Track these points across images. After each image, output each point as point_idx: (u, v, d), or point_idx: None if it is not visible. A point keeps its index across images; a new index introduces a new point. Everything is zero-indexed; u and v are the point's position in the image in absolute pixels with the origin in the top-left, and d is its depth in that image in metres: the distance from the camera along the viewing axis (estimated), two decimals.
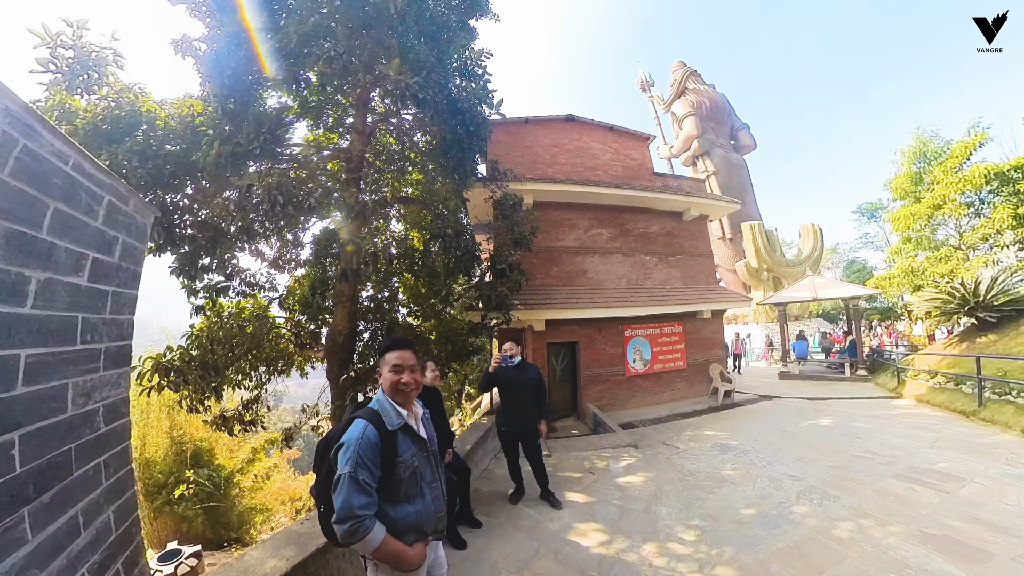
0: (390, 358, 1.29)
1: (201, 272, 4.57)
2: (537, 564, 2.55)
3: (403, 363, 1.27)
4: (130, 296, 1.16)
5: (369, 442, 1.08)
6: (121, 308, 1.12)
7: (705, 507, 3.34)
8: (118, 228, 1.12)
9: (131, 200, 1.19)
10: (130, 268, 1.16)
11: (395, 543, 1.08)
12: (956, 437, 4.93)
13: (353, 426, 1.13)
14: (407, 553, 1.10)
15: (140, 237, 1.22)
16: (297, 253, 6.92)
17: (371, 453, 1.08)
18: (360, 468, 1.05)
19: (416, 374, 1.29)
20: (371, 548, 1.03)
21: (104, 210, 1.06)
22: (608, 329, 7.61)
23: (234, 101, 4.18)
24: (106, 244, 1.07)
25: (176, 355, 3.88)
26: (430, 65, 4.20)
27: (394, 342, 1.29)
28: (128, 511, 1.09)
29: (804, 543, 2.72)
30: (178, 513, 5.00)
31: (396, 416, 1.21)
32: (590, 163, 8.44)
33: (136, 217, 1.20)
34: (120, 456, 1.08)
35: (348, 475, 1.04)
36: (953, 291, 7.60)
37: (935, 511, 3.05)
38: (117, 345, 1.09)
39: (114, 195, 1.11)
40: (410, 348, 1.31)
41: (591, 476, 4.15)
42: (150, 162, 3.84)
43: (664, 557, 2.60)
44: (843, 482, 3.74)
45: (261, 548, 1.80)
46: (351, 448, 1.06)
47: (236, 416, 4.80)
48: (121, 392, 1.11)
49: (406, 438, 1.21)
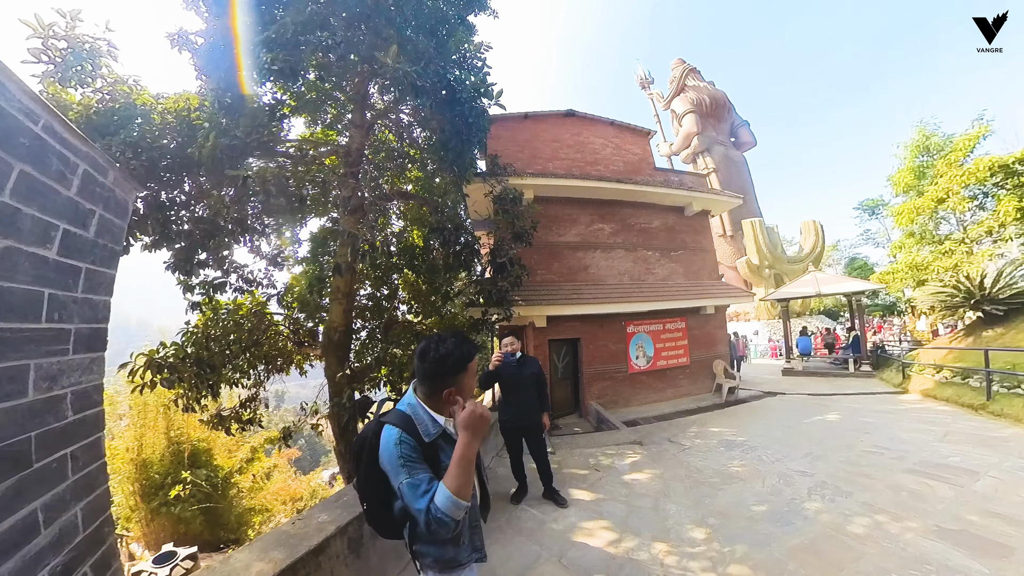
0: (473, 365, 1.15)
1: (197, 268, 4.48)
2: (539, 569, 2.43)
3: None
4: (107, 276, 1.06)
5: (408, 445, 1.01)
6: (96, 287, 1.02)
7: (715, 504, 3.26)
8: (95, 201, 1.03)
9: (111, 173, 1.10)
10: (108, 246, 1.07)
11: (454, 465, 0.96)
12: (966, 431, 4.86)
13: (385, 437, 1.04)
14: (471, 445, 0.97)
15: (120, 213, 1.13)
16: (295, 250, 6.84)
17: (415, 453, 1.02)
18: (416, 469, 0.99)
19: None
20: (455, 503, 0.93)
21: (79, 180, 0.97)
22: (610, 325, 7.52)
23: (231, 95, 4.11)
24: (80, 217, 0.97)
25: (170, 351, 3.78)
26: (429, 55, 4.13)
27: (473, 348, 1.14)
28: (99, 510, 0.98)
29: (819, 540, 2.64)
30: (175, 514, 4.90)
31: (433, 425, 1.09)
32: (591, 158, 8.36)
33: (116, 191, 1.11)
34: (91, 449, 0.97)
35: (404, 484, 0.98)
36: (959, 285, 7.52)
37: (951, 505, 2.98)
38: (90, 327, 0.99)
39: (91, 165, 1.02)
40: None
41: (596, 473, 4.06)
42: (144, 155, 3.76)
43: (675, 556, 2.51)
44: (854, 477, 3.67)
45: (248, 550, 1.69)
46: (395, 460, 1.00)
47: (233, 415, 4.70)
48: (94, 379, 1.01)
49: (448, 445, 1.09)
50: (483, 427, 0.99)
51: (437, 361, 1.08)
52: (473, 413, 0.99)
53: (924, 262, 9.82)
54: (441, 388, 1.08)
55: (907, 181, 10.55)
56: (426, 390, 1.12)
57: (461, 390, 1.10)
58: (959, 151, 9.41)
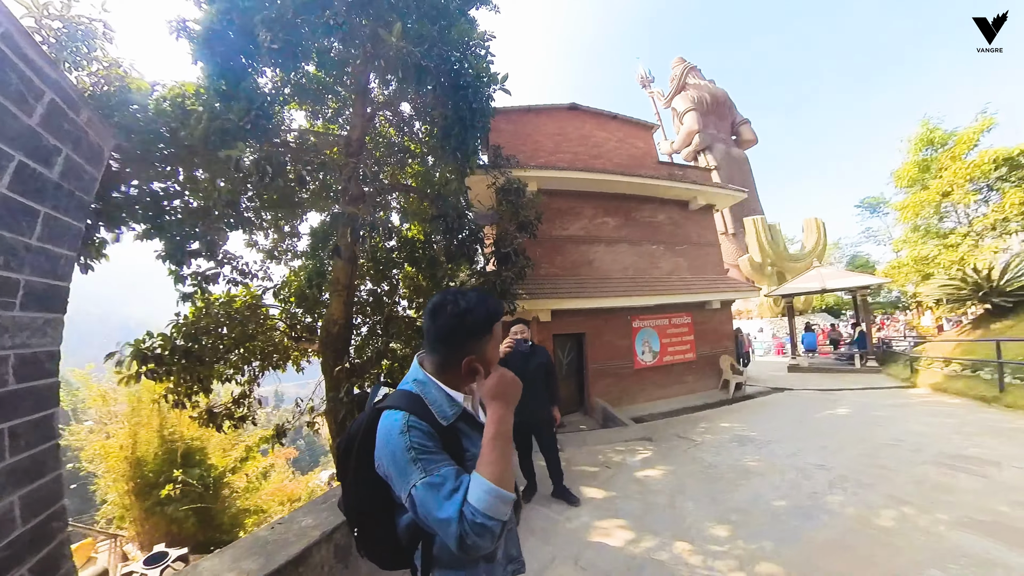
0: (499, 329, 0.89)
1: (189, 257, 4.32)
2: (555, 573, 2.28)
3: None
4: (71, 228, 0.90)
5: (418, 433, 0.74)
6: (56, 238, 0.85)
7: (733, 500, 3.13)
8: (62, 138, 0.88)
9: (83, 111, 0.94)
10: (75, 193, 0.91)
11: (488, 447, 0.72)
12: (981, 423, 4.77)
13: (385, 425, 0.76)
14: (506, 418, 0.76)
15: (92, 160, 0.97)
16: (294, 244, 6.70)
17: (429, 440, 0.74)
18: (433, 462, 0.72)
19: None
20: (499, 496, 0.68)
21: (44, 109, 0.83)
22: (615, 320, 7.40)
23: (227, 82, 3.97)
24: (42, 152, 0.82)
25: (157, 340, 3.61)
26: (432, 39, 4.01)
27: (499, 306, 0.89)
28: (46, 501, 0.81)
29: (848, 534, 2.51)
30: (168, 514, 4.72)
31: (450, 404, 0.83)
32: (594, 151, 8.25)
33: (89, 133, 0.96)
34: (38, 427, 0.81)
35: (419, 487, 0.69)
36: (966, 278, 7.45)
37: (979, 497, 2.89)
38: (45, 283, 0.83)
39: (60, 95, 0.87)
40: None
41: (607, 471, 3.92)
42: (138, 138, 3.61)
43: (699, 555, 2.37)
44: (874, 470, 3.56)
45: (218, 557, 1.51)
46: (398, 452, 0.72)
47: (226, 411, 4.53)
48: (47, 344, 0.84)
49: (469, 428, 0.85)
50: (516, 394, 0.80)
51: (456, 318, 0.81)
52: (503, 378, 0.79)
53: (930, 256, 9.77)
54: (459, 357, 0.82)
55: (912, 175, 10.51)
56: (439, 360, 0.85)
57: (484, 360, 0.83)
58: (963, 144, 9.37)
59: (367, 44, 3.79)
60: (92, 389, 5.59)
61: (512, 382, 0.81)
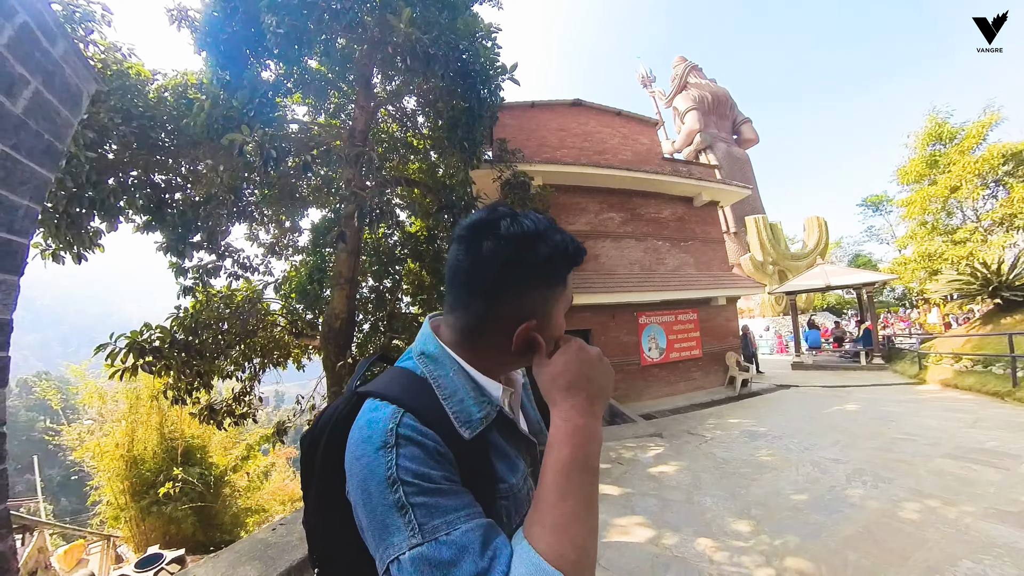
0: (571, 283, 0.53)
1: (190, 249, 4.23)
2: None
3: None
4: (35, 175, 0.76)
5: (416, 450, 0.41)
6: (16, 184, 0.70)
7: (751, 495, 3.04)
8: (32, 69, 0.75)
9: (61, 42, 0.82)
10: (43, 135, 0.78)
11: (555, 485, 0.40)
12: (996, 417, 4.70)
13: (362, 426, 0.44)
14: (591, 429, 0.43)
15: (67, 100, 0.84)
16: (295, 239, 6.62)
17: (430, 464, 0.41)
18: (421, 516, 0.38)
19: None
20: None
21: (13, 31, 0.71)
22: (622, 316, 7.32)
23: (230, 72, 3.90)
24: (5, 78, 0.70)
25: (155, 332, 3.51)
26: (441, 26, 3.94)
27: (582, 247, 0.52)
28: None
29: (874, 528, 2.43)
30: (166, 514, 4.61)
31: (477, 400, 0.49)
32: (598, 147, 8.20)
33: (65, 69, 0.84)
34: None
35: (411, 558, 0.36)
36: (976, 272, 7.40)
37: (1002, 488, 2.83)
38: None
39: (35, 19, 0.75)
40: None
41: (620, 467, 3.84)
42: (135, 122, 3.53)
43: (724, 551, 2.28)
44: (891, 463, 3.49)
45: (212, 564, 1.38)
46: (376, 484, 0.39)
47: (226, 408, 4.43)
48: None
49: (506, 443, 0.52)
50: (608, 386, 0.48)
51: (516, 246, 0.46)
52: (584, 355, 0.47)
53: (937, 252, 9.72)
54: (509, 319, 0.47)
55: (918, 170, 10.46)
56: (472, 321, 0.49)
57: (550, 327, 0.50)
58: (971, 138, 9.34)
59: (374, 30, 3.72)
60: (88, 386, 5.48)
61: (599, 363, 0.48)
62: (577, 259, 0.51)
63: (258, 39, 3.90)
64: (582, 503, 0.39)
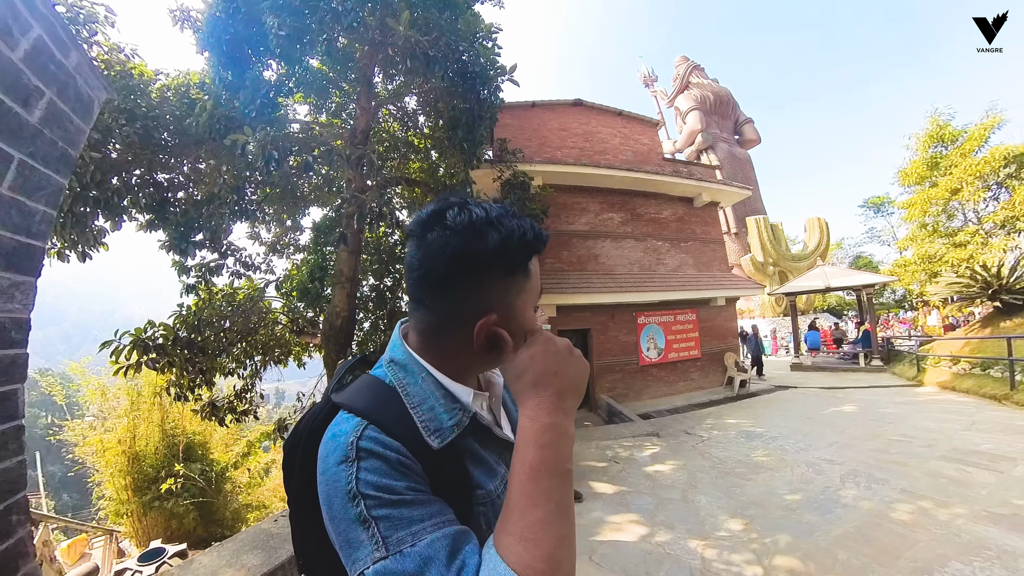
0: (536, 272, 0.50)
1: (193, 248, 4.27)
2: None
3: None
4: (51, 181, 0.81)
5: (377, 463, 0.39)
6: (33, 190, 0.75)
7: (746, 494, 3.08)
8: (47, 80, 0.79)
9: (74, 54, 0.86)
10: (57, 143, 0.82)
11: (522, 488, 0.38)
12: (993, 420, 4.72)
13: (329, 442, 0.43)
14: (560, 428, 0.40)
15: (80, 109, 0.89)
16: (296, 238, 6.67)
17: (393, 474, 0.40)
18: (384, 529, 0.37)
19: None
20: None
21: (29, 44, 0.75)
22: (621, 316, 7.35)
23: (232, 72, 3.93)
24: (22, 90, 0.74)
25: (159, 330, 3.56)
26: (440, 28, 3.96)
27: (542, 232, 0.49)
28: (4, 490, 0.70)
29: (866, 528, 2.46)
30: (168, 509, 4.68)
31: (448, 408, 0.48)
32: (599, 147, 8.21)
33: (77, 79, 0.88)
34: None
35: (380, 573, 0.35)
36: (976, 275, 7.40)
37: (995, 490, 2.86)
38: (16, 240, 0.73)
39: (48, 33, 0.79)
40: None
41: (616, 465, 3.88)
42: (139, 122, 3.57)
43: (715, 549, 2.32)
44: (886, 465, 3.51)
45: (217, 552, 1.42)
46: (339, 499, 0.39)
47: (228, 405, 4.48)
48: (15, 310, 0.74)
49: (483, 449, 0.51)
50: (579, 381, 0.45)
51: (463, 236, 0.44)
52: (552, 348, 0.44)
53: (937, 254, 9.70)
54: (466, 314, 0.45)
55: (919, 172, 10.44)
56: (431, 321, 0.49)
57: (515, 321, 0.47)
58: (973, 140, 9.31)
59: (375, 32, 3.74)
60: (90, 382, 5.54)
61: (568, 356, 0.45)
62: (538, 245, 0.47)
63: (260, 39, 3.92)
64: (553, 509, 0.36)
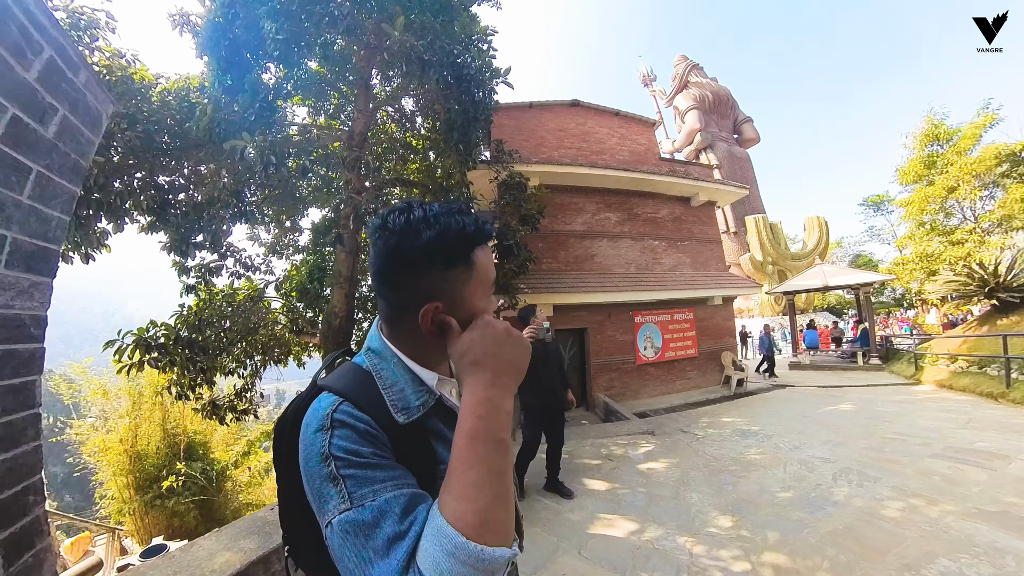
0: (485, 262, 0.54)
1: (193, 249, 4.33)
2: (558, 562, 2.24)
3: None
4: (65, 190, 0.89)
5: (349, 432, 0.46)
6: (48, 199, 0.84)
7: (738, 492, 3.11)
8: (60, 97, 0.87)
9: (83, 72, 0.94)
10: (70, 155, 0.90)
11: (462, 456, 0.43)
12: (988, 418, 4.73)
13: (309, 417, 0.49)
14: (496, 401, 0.45)
15: (90, 122, 0.97)
16: (295, 239, 6.72)
17: (360, 444, 0.45)
18: (351, 486, 0.42)
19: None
20: (474, 556, 0.37)
21: (42, 65, 0.82)
22: (618, 315, 7.38)
23: (232, 76, 3.98)
24: (37, 108, 0.82)
25: (161, 330, 3.62)
26: (435, 32, 4.01)
27: (485, 224, 0.54)
28: (22, 473, 0.76)
29: (856, 525, 2.49)
30: (169, 507, 4.74)
31: (415, 389, 0.54)
32: (596, 147, 8.24)
33: (87, 95, 0.95)
34: (18, 394, 0.77)
35: (340, 523, 0.41)
36: (972, 273, 7.41)
37: (987, 488, 2.87)
38: (35, 244, 0.81)
39: (59, 54, 0.86)
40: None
41: (610, 463, 3.91)
42: (140, 127, 3.62)
43: (703, 545, 2.35)
44: (880, 463, 3.53)
45: (215, 537, 1.50)
46: (315, 462, 0.45)
47: (228, 404, 4.54)
48: (33, 308, 0.81)
49: (450, 428, 0.52)
50: (517, 359, 0.49)
51: (401, 236, 0.49)
52: (491, 330, 0.48)
53: (935, 252, 9.71)
54: (415, 305, 0.50)
55: (917, 171, 10.46)
56: (389, 313, 0.55)
57: (461, 306, 0.51)
58: (968, 139, 9.32)
59: (370, 36, 3.79)
60: (92, 383, 5.61)
61: (507, 338, 0.49)
62: (478, 238, 0.52)
63: (258, 43, 3.97)
64: (485, 472, 0.41)
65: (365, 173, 4.89)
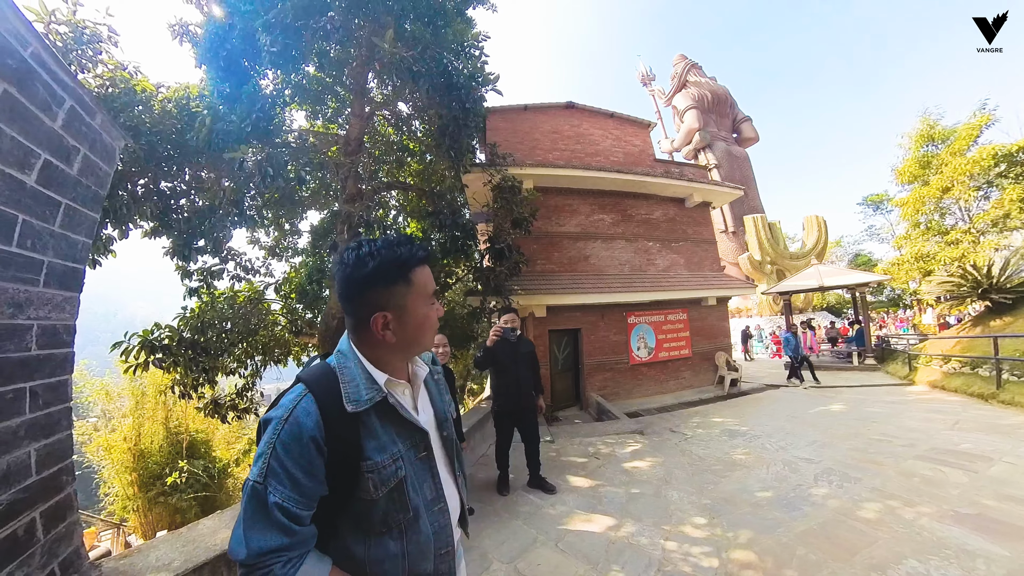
0: (422, 279, 0.71)
1: (195, 254, 4.46)
2: (534, 553, 2.34)
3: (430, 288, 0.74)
4: (87, 217, 1.03)
5: (295, 432, 0.60)
6: (75, 226, 0.99)
7: (718, 490, 3.18)
8: (80, 140, 1.01)
9: (98, 115, 1.08)
10: (91, 187, 1.05)
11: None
12: (977, 419, 4.76)
13: (285, 396, 0.66)
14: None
15: (106, 158, 1.11)
16: (294, 241, 6.85)
17: (298, 450, 0.59)
18: (275, 477, 0.57)
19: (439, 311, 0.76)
20: None
21: (65, 114, 0.96)
22: (611, 316, 7.45)
23: (230, 84, 4.09)
24: (63, 151, 0.96)
25: (165, 332, 3.75)
26: (426, 41, 4.09)
27: (419, 250, 0.72)
28: (58, 456, 0.94)
29: (829, 525, 2.55)
30: (172, 504, 4.88)
31: (368, 385, 0.67)
32: (590, 149, 8.29)
33: (103, 135, 1.09)
34: (54, 390, 0.94)
35: (252, 489, 0.58)
36: (966, 274, 7.41)
37: (966, 490, 2.90)
38: (65, 265, 0.96)
39: (78, 102, 1.00)
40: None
41: (596, 461, 3.99)
42: (144, 139, 3.74)
43: (676, 541, 2.43)
44: (863, 464, 3.58)
45: (218, 517, 1.64)
46: (266, 440, 0.60)
47: (230, 403, 4.67)
48: (65, 318, 0.98)
49: (386, 427, 0.68)
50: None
51: (352, 267, 0.67)
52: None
53: (930, 253, 9.69)
54: (370, 316, 0.67)
55: (913, 171, 10.43)
56: (351, 324, 0.71)
57: (407, 314, 0.68)
58: (963, 140, 9.29)
59: (363, 49, 3.89)
60: (92, 384, 5.76)
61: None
62: (411, 263, 0.70)
63: (256, 52, 4.08)
64: None
65: (362, 178, 4.99)
